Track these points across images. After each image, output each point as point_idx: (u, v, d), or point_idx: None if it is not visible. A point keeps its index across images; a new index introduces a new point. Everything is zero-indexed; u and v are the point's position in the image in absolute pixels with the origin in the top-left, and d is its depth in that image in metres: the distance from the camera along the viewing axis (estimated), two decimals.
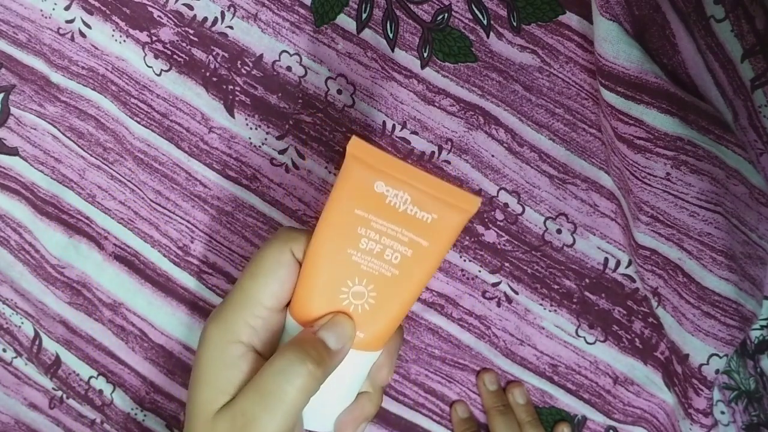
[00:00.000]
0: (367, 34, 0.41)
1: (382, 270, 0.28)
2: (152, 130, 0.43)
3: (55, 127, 0.44)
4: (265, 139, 0.42)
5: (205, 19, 0.42)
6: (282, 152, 0.43)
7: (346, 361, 0.29)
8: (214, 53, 0.42)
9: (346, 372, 0.29)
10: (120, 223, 0.44)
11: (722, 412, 0.42)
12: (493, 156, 0.42)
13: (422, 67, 0.41)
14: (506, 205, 0.42)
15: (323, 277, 0.28)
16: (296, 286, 0.29)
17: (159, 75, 0.42)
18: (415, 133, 0.42)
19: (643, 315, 0.43)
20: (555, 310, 0.43)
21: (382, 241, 0.27)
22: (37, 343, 0.46)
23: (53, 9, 0.43)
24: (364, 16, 0.41)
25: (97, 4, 0.42)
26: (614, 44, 0.34)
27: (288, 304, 0.29)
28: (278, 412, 0.25)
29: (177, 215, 0.43)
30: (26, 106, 0.44)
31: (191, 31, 0.42)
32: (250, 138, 0.42)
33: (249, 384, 0.26)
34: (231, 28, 0.42)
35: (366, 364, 0.30)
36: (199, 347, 0.28)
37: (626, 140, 0.36)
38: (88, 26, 0.42)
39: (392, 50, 0.41)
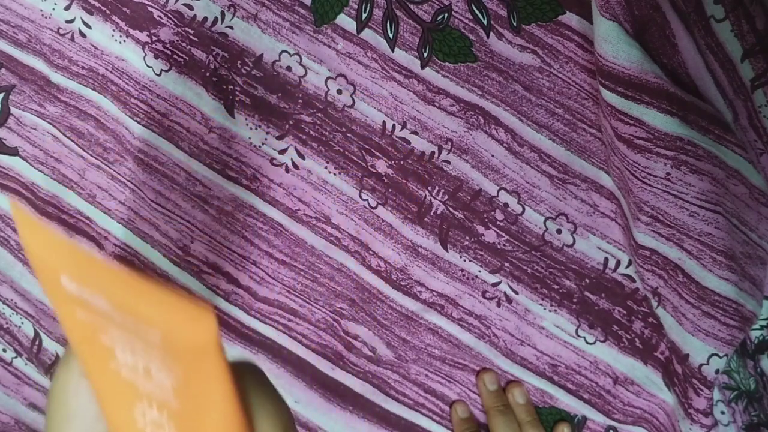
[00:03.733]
0: (367, 34, 0.41)
1: (165, 396, 0.19)
2: (152, 130, 0.43)
3: (55, 127, 0.44)
4: (265, 139, 0.42)
5: (205, 19, 0.42)
6: (282, 152, 0.43)
7: None
8: (214, 53, 0.42)
9: None
10: (120, 223, 0.44)
11: (722, 412, 0.42)
12: (493, 156, 0.42)
13: (422, 67, 0.41)
14: (506, 205, 0.42)
15: (109, 405, 0.20)
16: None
17: (159, 75, 0.42)
18: (415, 133, 0.42)
19: (643, 315, 0.43)
20: (555, 310, 0.43)
21: (135, 346, 0.18)
22: (37, 343, 0.46)
23: (53, 9, 0.43)
24: (364, 16, 0.41)
25: (97, 4, 0.42)
26: (614, 44, 0.34)
27: None
28: None
29: (177, 215, 0.43)
30: (26, 106, 0.44)
31: (191, 31, 0.42)
32: (250, 138, 0.42)
33: None
34: (231, 28, 0.42)
35: None
36: None
37: (626, 140, 0.36)
38: (88, 26, 0.42)
39: (392, 50, 0.41)
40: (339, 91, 0.42)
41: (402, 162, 0.42)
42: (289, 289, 0.43)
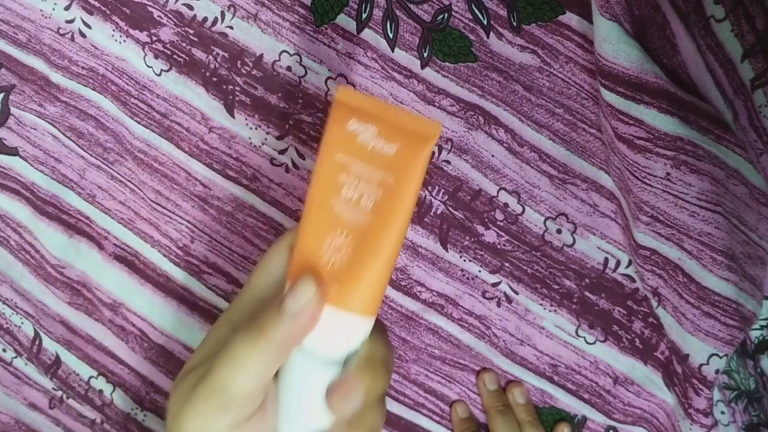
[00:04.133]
0: (367, 34, 0.41)
1: (359, 218, 0.26)
2: (152, 130, 0.43)
3: (55, 127, 0.44)
4: (265, 139, 0.42)
5: (205, 19, 0.42)
6: (282, 152, 0.43)
7: (327, 324, 0.26)
8: (214, 53, 0.42)
9: (329, 337, 0.26)
10: (120, 223, 0.44)
11: (722, 412, 0.42)
12: (493, 156, 0.42)
13: (422, 67, 0.41)
14: (506, 205, 0.42)
15: (309, 235, 0.26)
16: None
17: (159, 75, 0.42)
18: None
19: (643, 315, 0.43)
20: (555, 310, 0.43)
21: (359, 186, 0.26)
22: (37, 343, 0.46)
23: (53, 9, 0.43)
24: (364, 16, 0.41)
25: (97, 4, 0.42)
26: (614, 44, 0.34)
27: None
28: (232, 365, 0.25)
29: (177, 215, 0.43)
30: (26, 106, 0.44)
31: (191, 31, 0.42)
32: (250, 138, 0.42)
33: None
34: (231, 28, 0.42)
35: (352, 329, 0.27)
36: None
37: (626, 140, 0.36)
38: (88, 26, 0.42)
39: (392, 50, 0.41)
40: None
41: None
42: None
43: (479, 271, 0.43)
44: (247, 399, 0.25)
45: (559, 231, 0.42)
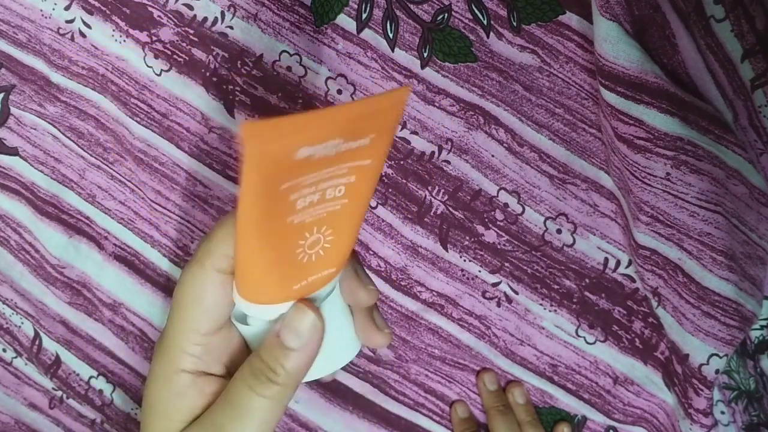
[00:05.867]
0: (367, 34, 0.41)
1: (330, 208, 0.24)
2: (152, 130, 0.43)
3: (55, 127, 0.44)
4: None
5: (205, 19, 0.42)
6: None
7: (328, 304, 0.27)
8: (214, 53, 0.42)
9: (331, 313, 0.27)
10: (120, 223, 0.44)
11: (722, 412, 0.42)
12: (493, 156, 0.42)
13: (422, 67, 0.41)
14: (506, 205, 0.42)
15: (269, 259, 0.24)
16: (238, 272, 0.25)
17: (159, 75, 0.42)
18: (415, 133, 0.42)
19: (643, 315, 0.43)
20: (555, 310, 0.43)
21: (319, 187, 0.23)
22: (37, 343, 0.46)
23: (53, 9, 0.43)
24: (364, 16, 0.41)
25: (97, 4, 0.42)
26: (614, 44, 0.34)
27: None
28: (247, 421, 0.25)
29: (177, 215, 0.43)
30: (26, 106, 0.44)
31: (191, 31, 0.42)
32: None
33: (221, 395, 0.26)
34: (231, 28, 0.42)
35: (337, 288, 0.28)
36: (148, 380, 0.27)
37: (626, 140, 0.36)
38: (88, 26, 0.42)
39: (392, 50, 0.41)
40: (339, 91, 0.42)
41: (402, 162, 0.42)
42: None
43: (479, 271, 0.43)
44: None
45: (559, 231, 0.42)
